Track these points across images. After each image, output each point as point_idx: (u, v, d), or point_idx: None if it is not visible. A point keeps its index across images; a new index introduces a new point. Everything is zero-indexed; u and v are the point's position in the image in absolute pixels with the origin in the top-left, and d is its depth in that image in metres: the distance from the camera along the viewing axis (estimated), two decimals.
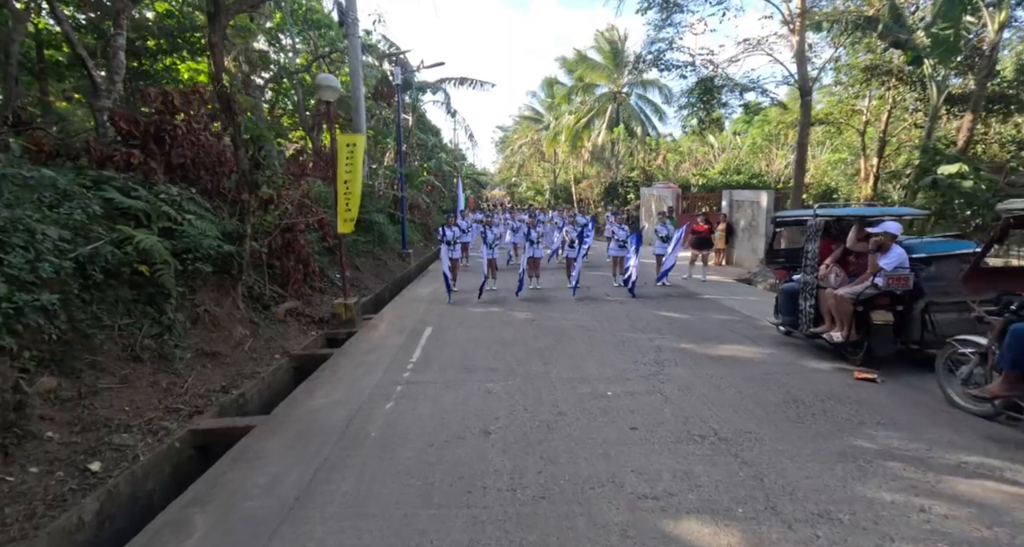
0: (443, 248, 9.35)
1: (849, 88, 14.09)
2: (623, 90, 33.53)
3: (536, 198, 46.36)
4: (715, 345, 6.27)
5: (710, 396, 4.55)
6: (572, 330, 7.13)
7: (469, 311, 8.67)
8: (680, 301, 9.18)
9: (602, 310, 8.46)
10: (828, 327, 5.37)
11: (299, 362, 6.10)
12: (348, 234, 10.81)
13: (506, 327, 7.42)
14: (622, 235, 10.73)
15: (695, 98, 11.07)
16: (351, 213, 7.33)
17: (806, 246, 5.50)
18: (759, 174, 23.80)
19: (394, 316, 8.41)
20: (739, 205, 14.01)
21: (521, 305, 9.06)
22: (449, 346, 6.44)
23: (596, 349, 6.18)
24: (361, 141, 7.23)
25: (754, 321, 7.59)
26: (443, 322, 7.83)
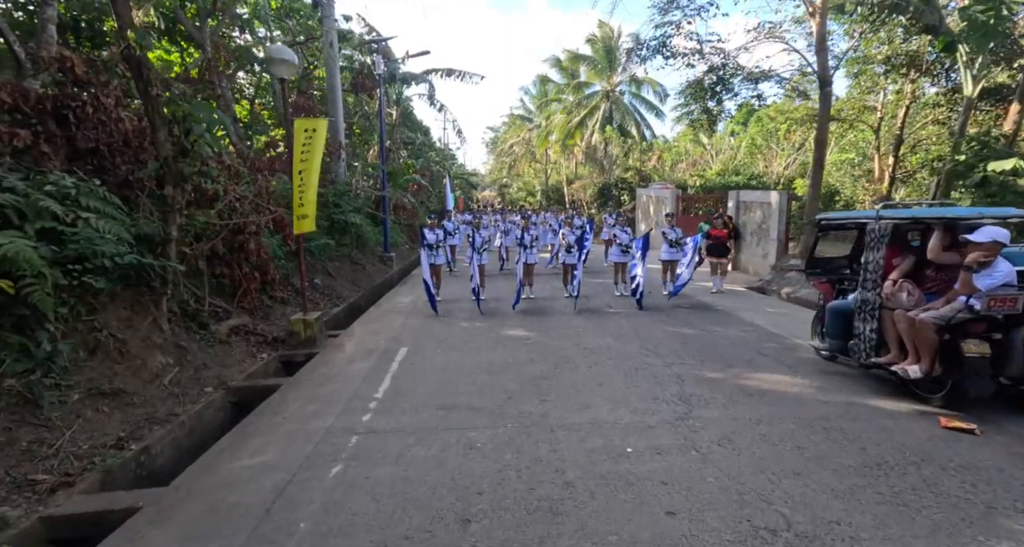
0: (424, 253, 8.18)
1: (862, 83, 13.20)
2: (617, 89, 32.61)
3: (527, 199, 45.35)
4: (747, 373, 5.19)
5: (763, 455, 3.45)
6: (574, 352, 6.02)
7: (453, 326, 7.53)
8: (692, 314, 8.12)
9: (606, 325, 7.36)
10: (895, 357, 4.32)
11: (238, 396, 4.92)
12: (316, 237, 9.66)
13: (496, 347, 6.29)
14: (625, 239, 9.66)
15: (705, 88, 10.05)
16: (305, 209, 6.15)
17: (867, 256, 4.45)
18: (758, 175, 22.96)
19: (365, 332, 7.24)
20: (747, 206, 13.01)
21: (513, 318, 7.94)
22: (425, 374, 5.29)
23: (604, 379, 5.07)
24: (322, 126, 6.07)
25: (782, 340, 6.54)
26: (421, 340, 6.68)
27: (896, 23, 10.37)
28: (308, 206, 6.16)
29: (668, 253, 9.72)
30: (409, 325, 7.61)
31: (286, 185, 9.63)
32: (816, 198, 10.57)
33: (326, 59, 12.32)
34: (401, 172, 18.54)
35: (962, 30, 8.71)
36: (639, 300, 8.40)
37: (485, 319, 7.95)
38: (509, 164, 48.42)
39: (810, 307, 8.81)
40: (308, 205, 6.16)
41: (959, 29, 8.83)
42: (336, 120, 12.62)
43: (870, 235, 4.43)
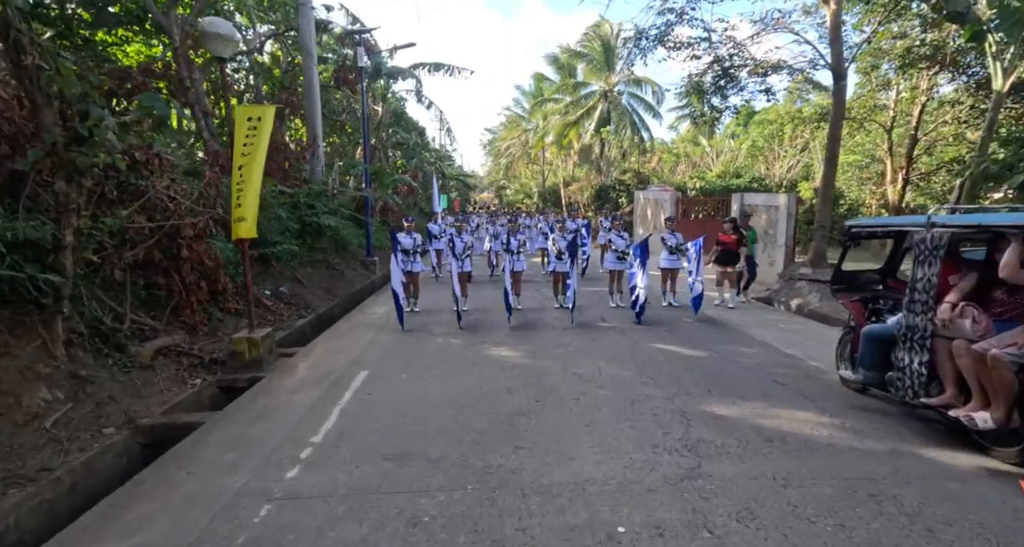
0: (394, 260, 7.31)
1: (873, 79, 12.42)
2: (614, 89, 31.85)
3: (524, 201, 44.56)
4: (763, 409, 4.35)
5: (797, 540, 2.61)
6: (560, 379, 5.18)
7: (426, 343, 6.68)
8: (695, 330, 7.28)
9: (600, 344, 6.52)
10: (952, 398, 3.49)
11: (151, 436, 4.06)
12: (283, 240, 8.80)
13: (470, 372, 5.44)
14: (621, 245, 8.82)
15: (710, 82, 9.25)
16: (243, 211, 5.27)
17: (915, 271, 3.62)
18: (760, 177, 22.21)
19: (325, 351, 6.38)
20: (752, 210, 12.20)
21: (495, 334, 7.09)
22: (380, 408, 4.43)
23: (594, 417, 4.23)
24: (269, 115, 5.22)
25: (799, 363, 5.71)
26: (387, 362, 5.82)
27: (913, 14, 9.60)
28: (247, 208, 5.29)
29: (668, 260, 8.89)
30: (378, 342, 6.75)
31: None
32: (828, 201, 9.77)
33: (301, 48, 11.49)
34: (387, 172, 17.70)
35: (991, 18, 7.93)
36: (638, 314, 7.56)
37: (464, 334, 7.10)
38: (506, 166, 47.65)
39: (824, 322, 7.99)
40: (247, 207, 5.29)
41: (988, 17, 8.05)
42: (312, 114, 11.79)
43: (920, 246, 3.60)
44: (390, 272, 7.42)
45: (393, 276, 7.37)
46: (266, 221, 8.61)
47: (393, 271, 7.35)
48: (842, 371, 4.78)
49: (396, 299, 7.37)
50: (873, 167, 16.74)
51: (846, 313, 8.30)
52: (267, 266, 8.84)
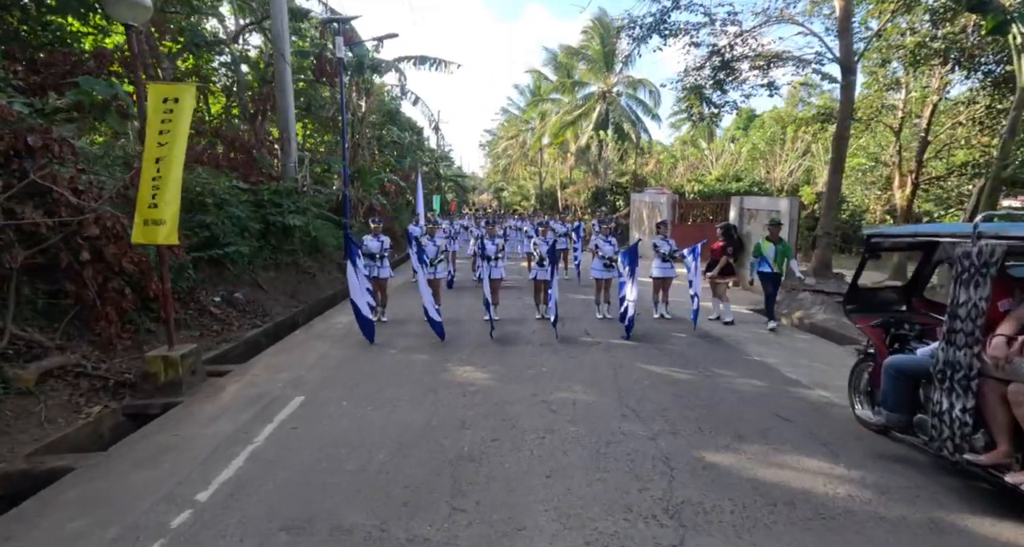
0: (351, 267, 6.51)
1: (881, 78, 11.71)
2: (613, 90, 31.17)
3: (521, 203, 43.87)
4: (766, 456, 3.60)
5: None
6: (526, 409, 4.42)
7: (383, 360, 5.91)
8: (688, 347, 6.53)
9: (579, 364, 5.76)
10: (1005, 455, 2.74)
11: (5, 487, 3.29)
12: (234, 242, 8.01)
13: (423, 399, 4.68)
14: (608, 251, 8.07)
15: (708, 74, 8.52)
16: (161, 212, 4.48)
17: (957, 293, 2.88)
18: (760, 181, 21.51)
19: (265, 369, 5.60)
20: (752, 215, 11.47)
21: (464, 349, 6.33)
22: (301, 449, 3.66)
23: (559, 463, 3.47)
24: (187, 95, 4.45)
25: (805, 392, 4.95)
26: (330, 384, 5.06)
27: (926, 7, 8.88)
28: (166, 208, 4.50)
29: (660, 269, 8.13)
30: (328, 358, 5.98)
31: (200, 178, 8.02)
32: (833, 206, 9.03)
33: (273, 36, 10.74)
34: (372, 171, 16.94)
35: (1017, 7, 7.23)
36: (627, 329, 6.81)
37: (429, 349, 6.34)
38: (504, 167, 46.95)
39: (829, 339, 7.24)
40: (166, 207, 4.50)
41: (1013, 6, 7.35)
42: (284, 107, 11.04)
43: (964, 263, 2.86)
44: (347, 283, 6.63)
45: (351, 286, 6.57)
46: (220, 220, 7.85)
47: (351, 281, 6.56)
48: (859, 410, 4.02)
49: (357, 312, 6.58)
50: (877, 171, 16.03)
51: (854, 329, 7.64)
52: (221, 269, 8.07)
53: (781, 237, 7.36)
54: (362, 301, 6.65)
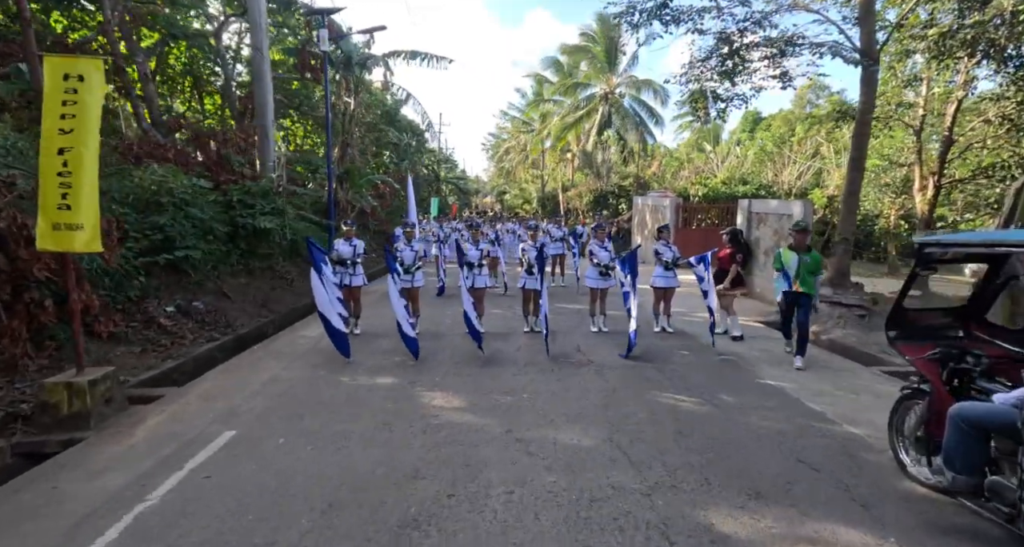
0: (316, 276, 5.77)
1: (899, 72, 10.92)
2: (616, 91, 30.47)
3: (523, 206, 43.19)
4: (790, 523, 2.83)
5: None
6: (497, 450, 3.67)
7: (342, 382, 5.17)
8: (692, 368, 5.75)
9: (567, 388, 5.00)
10: None
11: None
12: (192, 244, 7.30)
13: (377, 434, 3.94)
14: (604, 257, 7.31)
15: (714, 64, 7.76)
16: (75, 215, 3.76)
17: None
18: (767, 184, 20.70)
19: (201, 394, 4.87)
20: (761, 219, 10.70)
21: (437, 370, 5.58)
22: (202, 510, 2.91)
23: (528, 532, 2.71)
24: (94, 72, 3.73)
25: (832, 428, 4.17)
26: (271, 415, 4.32)
27: None
28: (82, 210, 3.76)
29: (662, 278, 7.37)
30: (279, 381, 5.24)
31: (155, 174, 7.32)
32: (853, 210, 8.23)
33: (250, 25, 10.09)
34: (363, 171, 16.26)
35: None
36: (629, 348, 6.05)
37: (397, 370, 5.59)
38: (506, 170, 46.35)
39: (850, 357, 6.45)
40: (82, 209, 3.76)
41: None
42: (262, 102, 10.37)
43: None
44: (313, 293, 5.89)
45: (318, 298, 5.84)
46: (177, 221, 7.15)
47: (316, 291, 5.82)
48: (907, 462, 3.24)
49: (328, 325, 5.84)
50: (892, 173, 15.21)
51: (878, 347, 6.80)
52: (180, 276, 7.37)
53: (809, 246, 5.87)
54: (332, 313, 5.91)
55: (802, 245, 5.79)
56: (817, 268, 5.78)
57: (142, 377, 5.20)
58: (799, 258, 5.72)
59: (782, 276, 5.86)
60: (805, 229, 5.91)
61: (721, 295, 7.18)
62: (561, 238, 11.91)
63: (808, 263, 5.70)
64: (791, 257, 5.77)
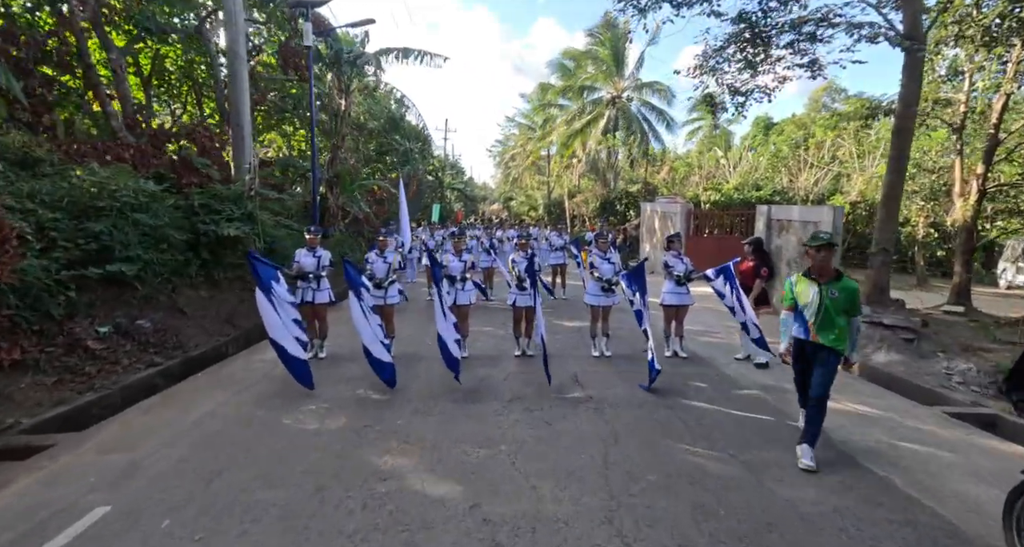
0: (263, 296, 4.82)
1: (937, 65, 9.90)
2: (623, 94, 29.59)
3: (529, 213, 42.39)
4: None
5: None
6: (452, 541, 2.70)
7: (284, 423, 4.23)
8: (713, 409, 4.74)
9: (557, 435, 4.02)
10: None
11: None
12: (131, 254, 6.41)
13: (302, 506, 2.98)
14: (607, 271, 6.33)
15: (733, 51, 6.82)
16: None
17: None
18: (782, 190, 19.63)
19: (102, 442, 3.94)
20: (783, 227, 9.68)
21: (401, 408, 4.63)
22: None
23: None
24: None
25: (911, 507, 3.15)
26: (175, 474, 3.38)
27: None
28: None
29: (674, 294, 6.38)
30: (212, 420, 4.31)
31: (95, 176, 6.47)
32: (893, 217, 7.21)
33: (224, 16, 9.31)
34: (355, 175, 15.43)
35: None
36: (651, 379, 5.07)
37: (353, 408, 4.64)
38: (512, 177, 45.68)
39: (900, 392, 5.40)
40: None
41: None
42: (239, 100, 9.56)
43: None
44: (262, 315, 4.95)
45: (266, 321, 4.89)
46: (119, 228, 6.29)
47: (264, 314, 4.87)
48: None
49: (283, 353, 4.92)
50: (921, 178, 14.10)
51: (933, 377, 5.64)
52: (122, 290, 6.49)
53: (838, 270, 3.68)
54: (287, 337, 4.99)
55: (826, 270, 3.64)
56: (853, 306, 3.62)
57: (44, 416, 4.29)
58: (821, 291, 3.59)
59: (793, 318, 3.84)
60: (830, 244, 3.60)
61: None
62: (562, 247, 10.95)
63: (838, 299, 3.57)
64: (808, 289, 3.66)
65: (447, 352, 4.98)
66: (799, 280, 3.79)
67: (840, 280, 3.63)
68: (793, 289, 3.80)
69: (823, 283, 3.63)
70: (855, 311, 3.67)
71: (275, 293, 4.92)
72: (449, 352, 4.99)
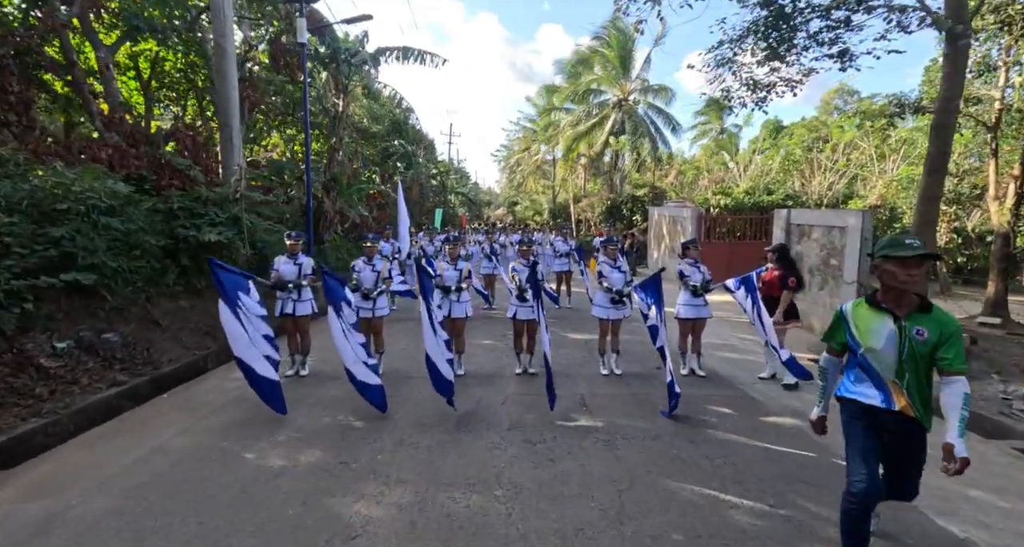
0: (227, 310, 4.27)
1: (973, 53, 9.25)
2: (629, 97, 29.04)
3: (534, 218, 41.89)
4: None
5: None
6: None
7: (243, 459, 3.65)
8: (742, 441, 4.12)
9: (558, 480, 3.41)
10: None
11: None
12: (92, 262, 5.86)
13: None
14: (617, 281, 5.74)
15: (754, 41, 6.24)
16: None
17: None
18: (794, 194, 18.95)
19: (29, 484, 3.37)
20: (805, 232, 9.05)
21: (384, 438, 4.04)
22: None
23: None
24: None
25: None
26: (95, 535, 2.81)
27: None
28: None
29: (690, 307, 5.77)
30: (163, 456, 3.75)
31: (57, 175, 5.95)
32: (933, 221, 6.58)
33: (212, 7, 8.84)
34: (353, 178, 14.93)
35: None
36: (672, 406, 4.47)
37: (329, 439, 4.06)
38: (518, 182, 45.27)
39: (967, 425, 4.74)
40: None
41: None
42: (226, 97, 9.08)
43: None
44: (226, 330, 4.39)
45: (231, 337, 4.34)
46: (84, 233, 5.77)
47: (228, 329, 4.32)
48: None
49: (249, 374, 4.37)
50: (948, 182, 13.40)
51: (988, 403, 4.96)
52: (88, 300, 5.96)
53: (922, 299, 2.32)
54: (256, 356, 4.44)
55: (907, 296, 2.32)
56: (954, 355, 2.24)
57: None
58: (900, 329, 2.29)
59: (844, 368, 2.60)
60: (928, 256, 2.25)
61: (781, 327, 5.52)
62: (567, 253, 10.36)
63: (927, 342, 2.26)
64: (879, 326, 2.35)
65: (437, 374, 4.40)
66: (859, 310, 2.43)
67: (930, 312, 2.29)
68: (849, 323, 2.44)
69: (902, 316, 2.29)
70: (958, 364, 2.23)
71: (243, 306, 4.38)
72: (440, 373, 4.41)
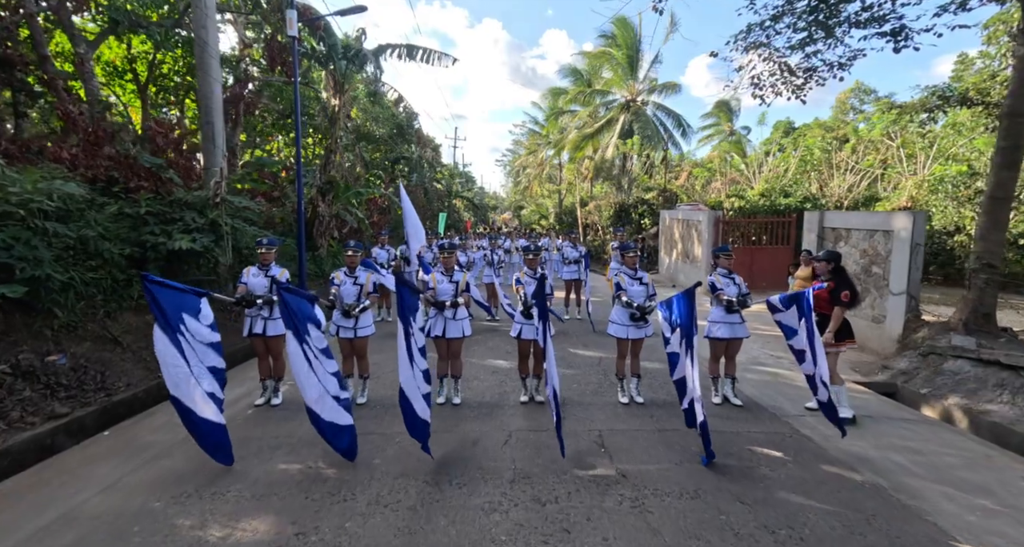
0: (161, 335, 3.46)
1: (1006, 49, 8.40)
2: (638, 98, 28.27)
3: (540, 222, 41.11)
4: None
5: None
6: None
7: (177, 532, 2.87)
8: (802, 498, 3.29)
9: None
10: None
11: None
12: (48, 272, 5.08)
13: None
14: (638, 295, 4.93)
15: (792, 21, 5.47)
16: None
17: None
18: (812, 197, 18.04)
19: None
20: (841, 237, 8.20)
21: (370, 488, 3.24)
22: None
23: None
24: None
25: None
26: None
27: None
28: None
29: (724, 325, 4.95)
30: (52, 540, 2.98)
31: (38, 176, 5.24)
32: (1002, 225, 5.70)
33: None
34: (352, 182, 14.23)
35: None
36: (706, 447, 3.65)
37: (293, 494, 3.27)
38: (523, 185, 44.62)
39: None
40: None
41: None
42: (208, 94, 8.39)
43: None
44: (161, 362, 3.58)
45: (168, 371, 3.43)
46: (25, 241, 5.04)
47: (164, 361, 3.42)
48: None
49: (187, 417, 3.49)
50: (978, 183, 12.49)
51: None
52: (33, 317, 5.24)
53: None
54: (196, 393, 3.54)
55: None
56: None
57: None
58: None
59: None
60: None
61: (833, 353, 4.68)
62: (577, 259, 9.55)
63: None
64: None
65: (411, 413, 3.59)
66: None
67: None
68: None
69: None
70: None
71: (187, 331, 3.58)
72: (414, 412, 3.60)
